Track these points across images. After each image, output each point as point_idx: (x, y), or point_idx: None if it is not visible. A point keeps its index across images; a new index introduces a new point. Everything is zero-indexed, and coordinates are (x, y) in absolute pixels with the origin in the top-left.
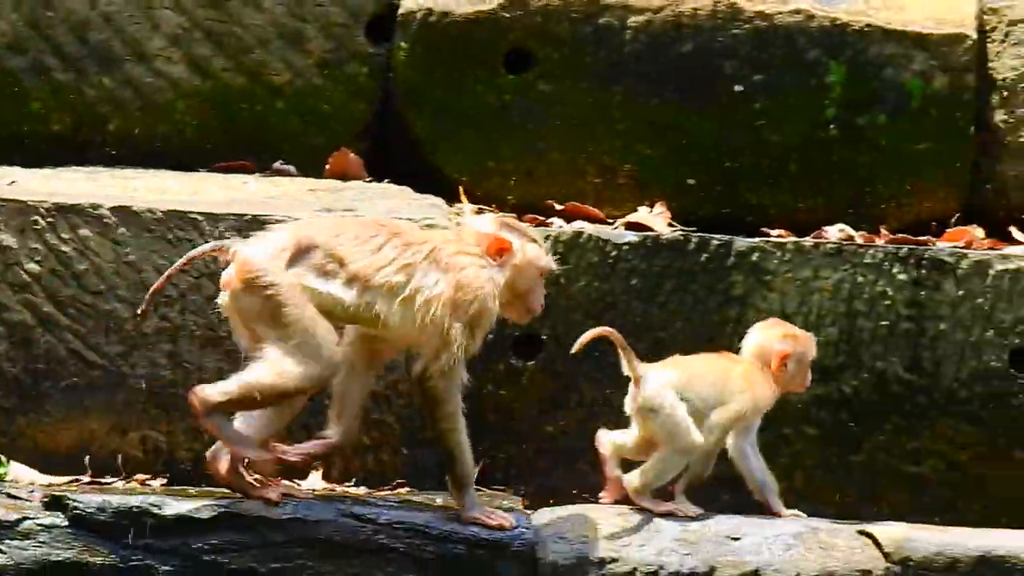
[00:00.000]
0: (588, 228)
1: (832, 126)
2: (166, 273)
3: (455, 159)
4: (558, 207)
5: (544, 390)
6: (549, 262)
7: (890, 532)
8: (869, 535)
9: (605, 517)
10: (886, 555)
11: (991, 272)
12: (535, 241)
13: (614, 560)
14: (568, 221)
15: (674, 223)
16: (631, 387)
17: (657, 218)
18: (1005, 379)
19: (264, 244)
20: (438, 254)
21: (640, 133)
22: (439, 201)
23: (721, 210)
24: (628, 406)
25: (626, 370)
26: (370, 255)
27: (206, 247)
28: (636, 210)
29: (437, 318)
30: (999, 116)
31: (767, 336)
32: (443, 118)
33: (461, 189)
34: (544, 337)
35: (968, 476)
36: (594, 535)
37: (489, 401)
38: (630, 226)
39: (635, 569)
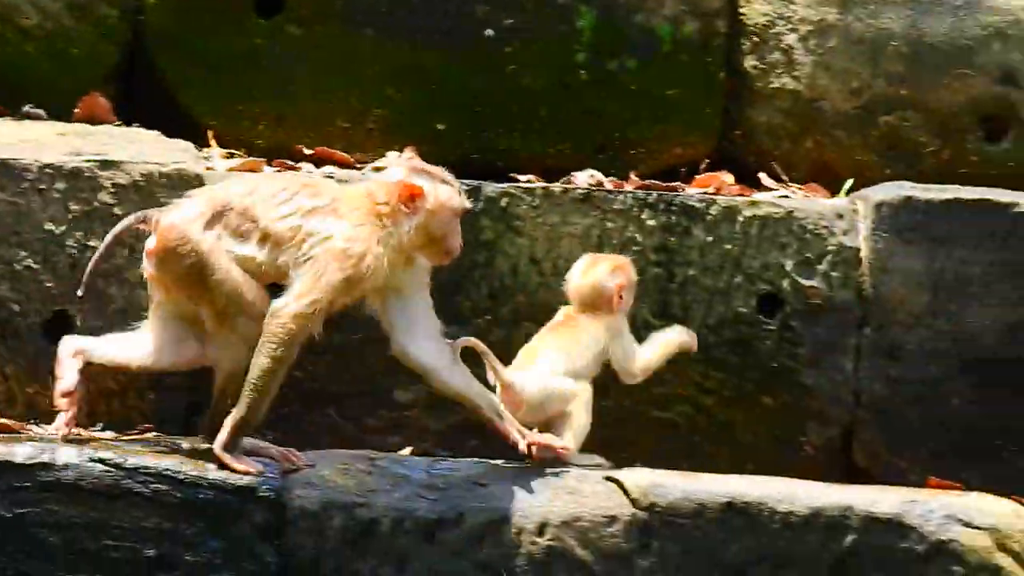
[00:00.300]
0: (337, 173)
1: (582, 71)
2: (98, 252)
3: (205, 103)
4: (308, 152)
5: None
6: (463, 201)
7: (637, 478)
8: (616, 481)
9: (354, 463)
10: (633, 501)
11: (740, 218)
12: (447, 183)
13: (361, 505)
14: (318, 166)
15: None
16: (499, 391)
17: (406, 163)
18: (753, 325)
19: (182, 210)
20: (338, 204)
21: (390, 78)
22: (189, 145)
23: (471, 155)
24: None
25: (492, 378)
26: (277, 207)
27: (129, 220)
28: (386, 155)
29: (319, 263)
30: (750, 62)
31: (596, 276)
32: (193, 62)
33: (211, 133)
34: None
35: (716, 422)
36: (342, 481)
37: None
38: (378, 171)
39: (382, 515)
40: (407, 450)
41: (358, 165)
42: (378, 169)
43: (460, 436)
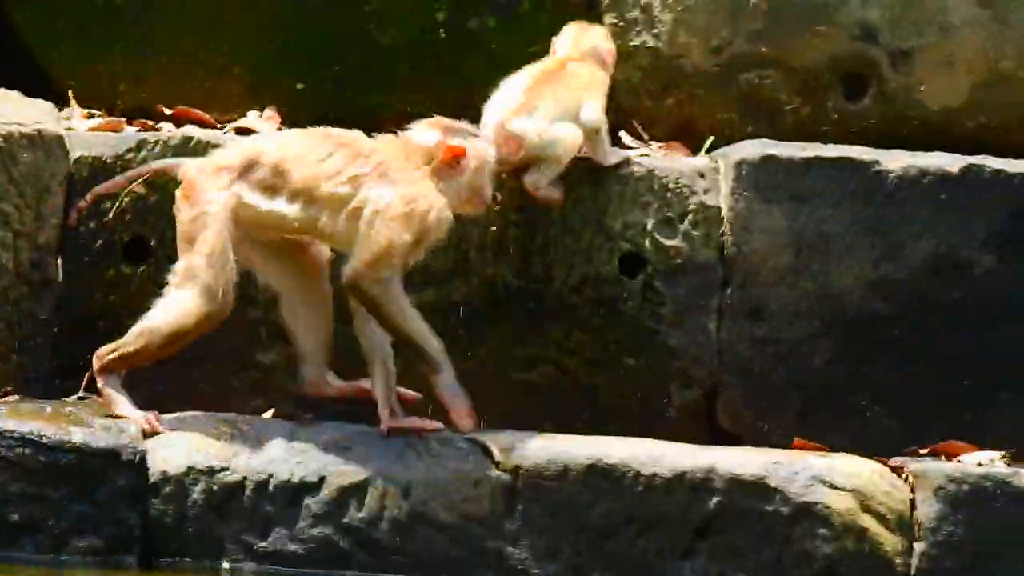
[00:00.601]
0: (197, 133)
1: (442, 29)
2: (115, 180)
3: (64, 63)
4: (168, 111)
5: (155, 296)
6: (491, 150)
7: (500, 440)
8: (480, 444)
9: (217, 425)
10: (496, 464)
11: (601, 178)
12: (475, 135)
13: (224, 469)
14: (178, 126)
15: (284, 127)
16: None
17: (267, 122)
18: (615, 284)
19: (209, 161)
20: (386, 168)
21: (250, 36)
22: (48, 106)
23: (332, 113)
24: None
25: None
26: (315, 166)
27: (160, 163)
28: (246, 114)
29: (384, 231)
30: (609, 19)
31: (595, 40)
32: (52, 20)
33: (70, 93)
34: (153, 243)
35: (578, 383)
36: (205, 444)
37: (97, 308)
38: (239, 131)
39: (245, 478)
40: (269, 412)
41: (219, 124)
42: (241, 130)
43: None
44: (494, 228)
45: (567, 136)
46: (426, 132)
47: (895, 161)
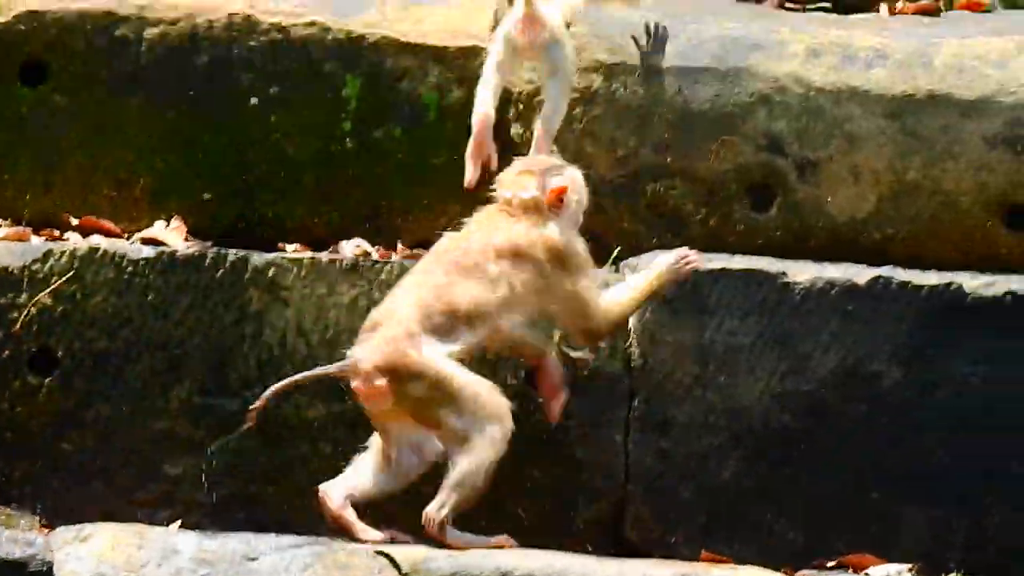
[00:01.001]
0: (104, 243)
1: (348, 139)
2: (292, 378)
3: None
4: (74, 221)
5: (61, 407)
6: (578, 175)
7: (408, 553)
8: (387, 556)
9: (125, 536)
10: (404, 575)
11: None
12: (565, 164)
13: None
14: (84, 235)
15: (191, 237)
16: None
17: (172, 232)
18: (522, 396)
19: (391, 341)
20: (502, 244)
21: (156, 146)
22: None
23: (238, 224)
24: None
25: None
26: (463, 285)
27: (332, 368)
28: (152, 224)
29: (550, 295)
30: (515, 129)
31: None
32: None
33: None
34: (60, 354)
35: (483, 496)
36: (112, 555)
37: (4, 419)
38: (146, 241)
39: None
40: (176, 524)
41: (125, 234)
42: (148, 240)
43: (229, 509)
44: None
45: None
46: (523, 187)
47: (802, 273)
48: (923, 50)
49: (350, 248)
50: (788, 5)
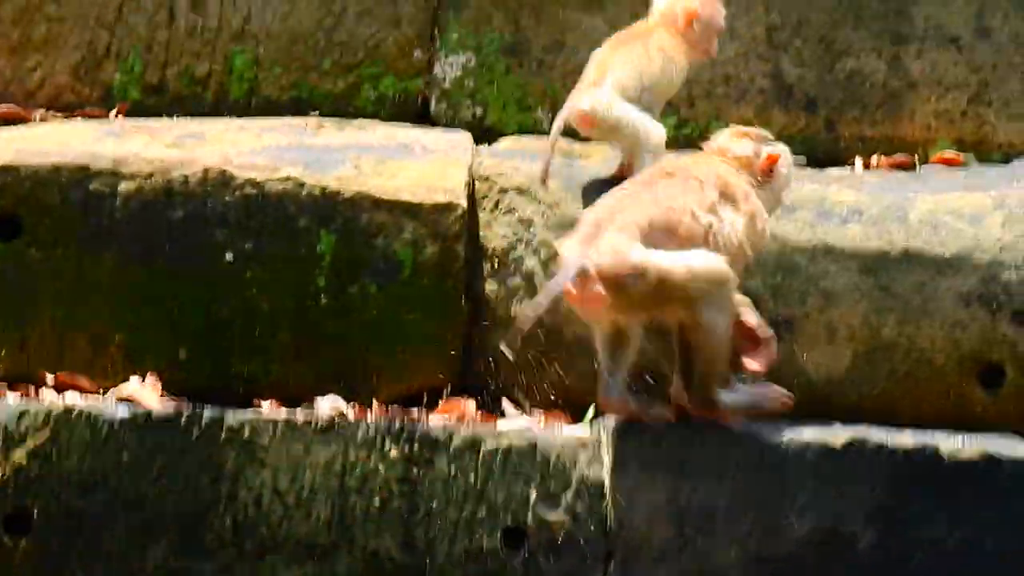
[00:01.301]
0: (79, 403)
1: (323, 295)
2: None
3: None
4: (49, 377)
5: (37, 568)
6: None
7: None
8: None
9: None
10: None
11: (483, 449)
12: (769, 137)
13: None
14: (60, 392)
15: (166, 394)
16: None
17: (148, 390)
18: (496, 559)
19: (618, 247)
20: (728, 188)
21: (130, 302)
22: None
23: (213, 382)
24: None
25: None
26: (687, 210)
27: (561, 279)
28: (127, 380)
29: (744, 250)
30: (490, 286)
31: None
32: None
33: None
34: (35, 514)
35: None
36: None
37: None
38: (121, 399)
39: None
40: None
41: (100, 391)
42: (123, 398)
43: None
44: (377, 500)
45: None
46: (740, 143)
47: (778, 434)
48: (899, 204)
49: (326, 405)
50: None
